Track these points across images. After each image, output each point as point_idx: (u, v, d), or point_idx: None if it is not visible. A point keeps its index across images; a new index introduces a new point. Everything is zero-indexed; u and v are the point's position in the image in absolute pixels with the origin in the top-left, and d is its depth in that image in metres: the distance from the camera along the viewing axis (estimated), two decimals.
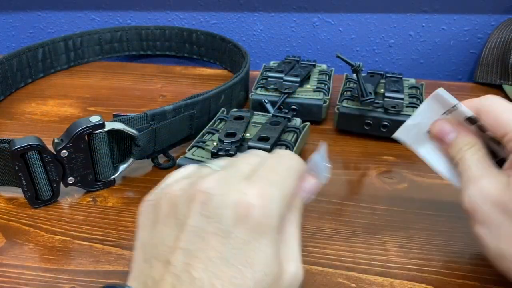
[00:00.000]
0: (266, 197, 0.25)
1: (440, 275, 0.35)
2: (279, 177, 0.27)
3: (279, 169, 0.27)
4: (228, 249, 0.23)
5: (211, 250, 0.23)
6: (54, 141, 0.41)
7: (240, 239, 0.24)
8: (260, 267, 0.23)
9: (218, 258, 0.23)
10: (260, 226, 0.24)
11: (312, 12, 0.73)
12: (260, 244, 0.24)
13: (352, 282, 0.35)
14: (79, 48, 0.72)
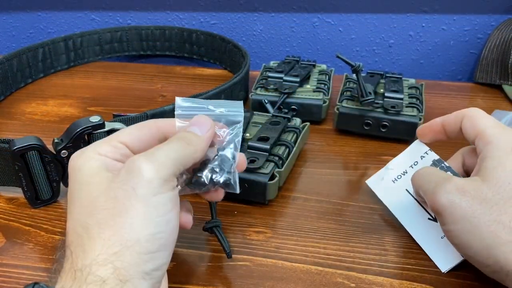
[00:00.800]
0: (82, 150, 0.30)
1: (440, 275, 0.35)
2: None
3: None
4: (99, 215, 0.27)
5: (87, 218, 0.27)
6: (54, 141, 0.41)
7: (72, 188, 0.29)
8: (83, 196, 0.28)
9: (95, 224, 0.27)
10: (78, 170, 0.29)
11: (312, 12, 0.73)
12: (79, 184, 0.28)
13: (352, 282, 0.35)
14: (79, 48, 0.72)
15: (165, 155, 0.28)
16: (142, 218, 0.26)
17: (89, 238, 0.26)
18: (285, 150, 0.44)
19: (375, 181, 0.42)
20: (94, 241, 0.25)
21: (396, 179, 0.40)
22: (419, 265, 0.36)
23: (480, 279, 0.35)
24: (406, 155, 0.40)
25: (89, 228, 0.26)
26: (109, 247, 0.25)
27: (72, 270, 0.25)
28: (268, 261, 0.36)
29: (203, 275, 0.35)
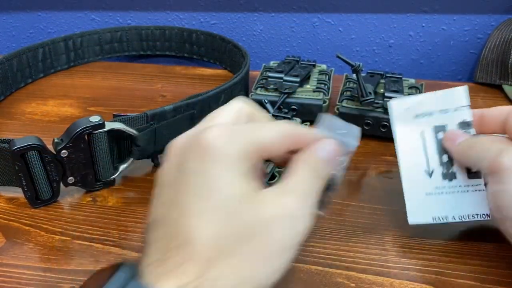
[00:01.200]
0: (223, 132, 0.26)
1: (440, 275, 0.35)
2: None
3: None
4: (192, 184, 0.25)
5: (180, 192, 0.25)
6: (54, 141, 0.41)
7: (201, 172, 0.25)
8: (220, 191, 0.24)
9: (186, 195, 0.24)
10: (217, 155, 0.25)
11: (312, 12, 0.73)
12: (220, 171, 0.24)
13: (352, 282, 0.35)
14: (79, 48, 0.72)
15: (313, 201, 0.27)
16: (276, 270, 0.25)
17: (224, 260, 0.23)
18: None
19: (399, 104, 0.37)
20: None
21: (418, 115, 0.37)
22: (419, 265, 0.36)
23: (480, 279, 0.35)
24: (440, 98, 0.36)
25: (220, 248, 0.23)
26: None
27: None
28: None
29: None
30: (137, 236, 0.39)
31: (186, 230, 0.24)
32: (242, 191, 0.25)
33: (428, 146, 0.37)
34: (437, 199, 0.36)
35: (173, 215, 0.24)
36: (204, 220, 0.24)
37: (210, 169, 0.25)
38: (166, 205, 0.25)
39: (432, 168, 0.36)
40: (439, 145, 0.36)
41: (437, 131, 0.36)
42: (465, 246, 0.38)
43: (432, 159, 0.36)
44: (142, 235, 0.26)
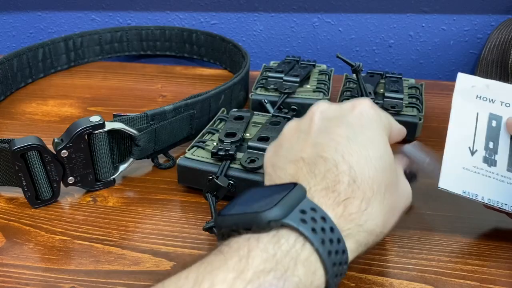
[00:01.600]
0: (375, 106, 0.32)
1: (440, 275, 0.35)
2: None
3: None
4: (353, 133, 0.29)
5: (337, 136, 0.29)
6: (54, 141, 0.41)
7: (358, 124, 0.30)
8: (379, 145, 0.30)
9: (345, 139, 0.29)
10: (373, 119, 0.31)
11: (312, 12, 0.73)
12: (376, 131, 0.30)
13: (352, 282, 0.35)
14: (79, 48, 0.72)
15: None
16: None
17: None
18: None
19: (466, 80, 0.39)
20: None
21: (480, 97, 0.38)
22: (419, 265, 0.36)
23: (480, 279, 0.35)
24: (507, 90, 0.38)
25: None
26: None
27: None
28: None
29: None
30: (137, 236, 0.39)
31: (354, 171, 0.28)
32: (391, 153, 0.30)
33: (479, 128, 0.37)
34: (473, 176, 0.37)
35: (335, 155, 0.28)
36: (369, 166, 0.28)
37: (369, 125, 0.30)
38: (321, 147, 0.29)
39: (476, 148, 0.37)
40: (490, 131, 0.37)
41: (492, 118, 0.37)
42: (465, 246, 0.38)
43: (479, 140, 0.37)
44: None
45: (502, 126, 0.37)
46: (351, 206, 0.27)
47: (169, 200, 0.43)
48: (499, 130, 0.37)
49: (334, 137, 0.29)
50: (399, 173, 0.33)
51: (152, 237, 0.39)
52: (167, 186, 0.45)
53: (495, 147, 0.37)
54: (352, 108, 0.31)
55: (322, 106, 0.33)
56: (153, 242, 0.38)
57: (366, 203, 0.27)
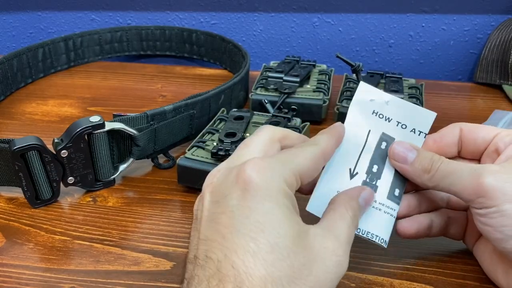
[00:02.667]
0: (262, 166, 0.26)
1: (440, 275, 0.35)
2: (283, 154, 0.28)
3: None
4: (237, 222, 0.24)
5: (222, 228, 0.24)
6: (54, 141, 0.41)
7: (246, 208, 0.24)
8: (271, 229, 0.24)
9: (230, 233, 0.24)
10: (261, 191, 0.25)
11: (312, 12, 0.73)
12: (267, 208, 0.25)
13: (352, 282, 0.35)
14: (79, 48, 0.72)
15: (343, 235, 0.28)
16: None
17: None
18: None
19: (367, 91, 0.34)
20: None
21: (377, 113, 0.34)
22: (419, 264, 0.36)
23: (480, 279, 0.35)
24: (406, 110, 0.34)
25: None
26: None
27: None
28: None
29: None
30: (137, 236, 0.39)
31: (237, 271, 0.23)
32: (293, 230, 0.25)
33: (366, 148, 0.34)
34: None
35: (219, 254, 0.24)
36: (258, 261, 0.23)
37: (256, 205, 0.25)
38: (208, 243, 0.25)
39: (357, 171, 0.33)
40: (377, 154, 0.33)
41: (383, 139, 0.34)
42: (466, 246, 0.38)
43: (362, 162, 0.33)
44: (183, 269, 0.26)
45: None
46: None
47: (169, 200, 0.43)
48: (387, 154, 0.33)
49: (219, 229, 0.25)
50: (319, 246, 0.26)
51: (152, 237, 0.39)
52: (167, 186, 0.45)
53: (379, 172, 0.33)
54: (236, 178, 0.25)
55: (213, 177, 0.28)
56: (153, 242, 0.38)
57: None
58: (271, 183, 0.25)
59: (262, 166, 0.26)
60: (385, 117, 0.34)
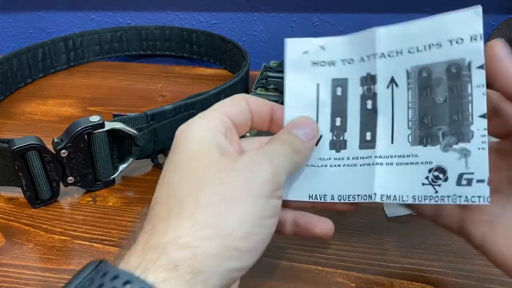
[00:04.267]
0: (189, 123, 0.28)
1: (440, 275, 0.35)
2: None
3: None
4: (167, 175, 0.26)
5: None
6: (54, 141, 0.41)
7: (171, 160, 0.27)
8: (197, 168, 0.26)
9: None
10: (181, 140, 0.27)
11: (312, 12, 0.73)
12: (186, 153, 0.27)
13: (352, 282, 0.34)
14: (79, 48, 0.72)
15: (282, 161, 0.26)
16: (246, 214, 0.24)
17: (179, 215, 0.24)
18: None
19: (296, 45, 0.31)
20: (183, 220, 0.23)
21: (317, 63, 0.30)
22: (419, 264, 0.36)
23: (480, 279, 0.35)
24: (346, 44, 0.29)
25: (184, 203, 0.24)
26: (198, 230, 0.23)
27: (145, 247, 0.23)
28: (268, 261, 0.36)
29: None
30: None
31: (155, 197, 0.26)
32: (218, 164, 0.26)
33: (321, 104, 0.29)
34: (319, 173, 0.29)
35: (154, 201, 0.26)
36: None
37: (180, 154, 0.27)
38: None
39: (319, 134, 0.29)
40: (336, 104, 0.29)
41: (336, 85, 0.29)
42: (466, 246, 0.37)
43: (323, 122, 0.29)
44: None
45: (349, 91, 0.29)
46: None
47: None
48: (346, 98, 0.29)
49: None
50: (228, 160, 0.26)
51: None
52: None
53: (344, 123, 0.29)
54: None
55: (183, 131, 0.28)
56: None
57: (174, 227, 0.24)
58: (195, 134, 0.27)
59: (190, 124, 0.28)
60: (328, 62, 0.30)
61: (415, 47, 0.27)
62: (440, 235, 0.39)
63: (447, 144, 0.25)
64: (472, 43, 0.25)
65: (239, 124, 0.29)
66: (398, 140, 0.27)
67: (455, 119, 0.25)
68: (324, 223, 0.29)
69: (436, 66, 0.26)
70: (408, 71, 0.27)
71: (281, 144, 0.28)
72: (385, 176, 0.27)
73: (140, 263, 0.22)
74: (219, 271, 0.23)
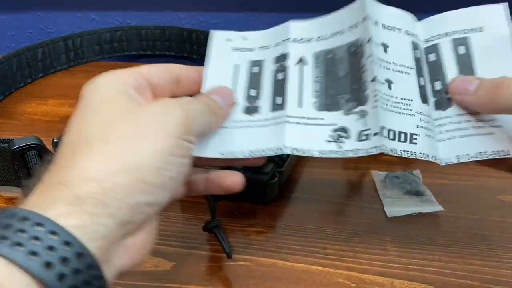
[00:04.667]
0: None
1: (440, 275, 0.35)
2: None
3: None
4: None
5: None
6: (53, 141, 0.41)
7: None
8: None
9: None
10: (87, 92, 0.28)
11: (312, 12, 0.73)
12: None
13: (352, 282, 0.34)
14: (79, 48, 0.71)
15: (196, 113, 0.27)
16: (156, 150, 0.24)
17: (86, 152, 0.23)
18: None
19: (219, 37, 0.35)
20: (90, 155, 0.23)
21: (238, 48, 0.34)
22: (419, 264, 0.36)
23: (480, 279, 0.35)
24: (266, 36, 0.34)
25: (91, 143, 0.23)
26: (105, 164, 0.22)
27: (48, 184, 0.22)
28: (268, 261, 0.36)
29: (203, 275, 0.35)
30: None
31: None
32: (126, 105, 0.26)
33: (240, 81, 0.32)
34: (232, 134, 0.31)
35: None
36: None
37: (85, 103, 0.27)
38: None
39: (236, 102, 0.32)
40: (252, 80, 0.32)
41: (253, 65, 0.33)
42: (466, 246, 0.38)
43: (239, 92, 0.32)
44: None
45: (264, 69, 0.33)
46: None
47: None
48: (262, 75, 0.32)
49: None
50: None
51: None
52: None
53: (258, 94, 0.32)
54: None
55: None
56: None
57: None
58: (105, 82, 0.28)
59: (101, 76, 0.29)
60: (247, 48, 0.34)
61: (323, 35, 0.33)
62: (440, 235, 0.39)
63: (348, 109, 0.30)
64: (363, 24, 0.31)
65: (157, 84, 0.29)
66: (305, 105, 0.30)
67: (354, 87, 0.30)
68: (234, 175, 0.30)
69: (339, 49, 0.31)
70: (316, 54, 0.32)
71: (198, 101, 0.28)
72: (295, 133, 0.29)
73: (43, 200, 0.21)
74: (128, 204, 0.22)
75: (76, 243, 0.20)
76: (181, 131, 0.25)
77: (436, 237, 0.38)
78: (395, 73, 0.30)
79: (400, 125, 0.29)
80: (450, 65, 0.31)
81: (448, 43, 0.32)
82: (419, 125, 0.29)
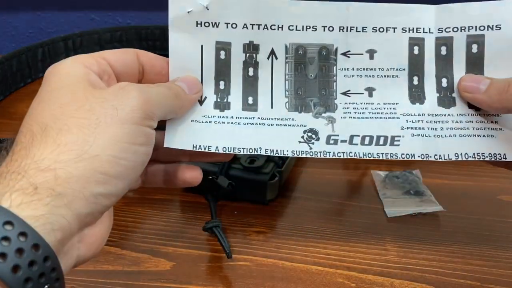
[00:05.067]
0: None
1: (440, 275, 0.35)
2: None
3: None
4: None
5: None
6: None
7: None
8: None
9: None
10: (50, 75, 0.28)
11: None
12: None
13: (352, 282, 0.34)
14: (79, 48, 0.71)
15: (156, 95, 0.26)
16: (111, 137, 0.23)
17: (42, 140, 0.23)
18: None
19: (178, 6, 0.30)
20: (46, 144, 0.22)
21: (202, 23, 0.30)
22: (419, 264, 0.36)
23: (480, 279, 0.35)
24: (233, 4, 0.30)
25: (47, 130, 0.23)
26: (60, 153, 0.22)
27: (3, 174, 0.22)
28: (268, 261, 0.36)
29: (203, 275, 0.35)
30: (137, 236, 0.39)
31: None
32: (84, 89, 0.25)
33: (206, 66, 0.30)
34: (203, 127, 0.30)
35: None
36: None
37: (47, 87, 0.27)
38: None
39: (205, 95, 0.30)
40: (219, 67, 0.30)
41: (220, 48, 0.30)
42: (466, 246, 0.38)
43: (207, 83, 0.30)
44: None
45: (232, 56, 0.30)
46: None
47: (169, 200, 0.43)
48: (230, 62, 0.30)
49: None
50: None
51: (152, 237, 0.39)
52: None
53: (228, 87, 0.30)
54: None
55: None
56: (153, 242, 0.38)
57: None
58: (65, 67, 0.28)
59: (62, 60, 0.29)
60: (212, 23, 0.30)
61: (295, 25, 0.30)
62: (440, 235, 0.39)
63: (317, 112, 0.30)
64: (340, 33, 0.30)
65: (122, 71, 0.28)
66: (277, 106, 0.31)
67: (323, 93, 0.31)
68: (193, 170, 0.30)
69: (311, 47, 0.30)
70: (287, 46, 0.31)
71: (160, 86, 0.28)
72: (268, 134, 0.30)
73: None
74: (84, 195, 0.22)
75: (32, 234, 0.20)
76: (139, 116, 0.25)
77: (436, 237, 0.38)
78: (380, 78, 0.30)
79: (379, 129, 0.30)
80: (459, 63, 0.31)
81: (462, 39, 0.30)
82: (404, 126, 0.30)
